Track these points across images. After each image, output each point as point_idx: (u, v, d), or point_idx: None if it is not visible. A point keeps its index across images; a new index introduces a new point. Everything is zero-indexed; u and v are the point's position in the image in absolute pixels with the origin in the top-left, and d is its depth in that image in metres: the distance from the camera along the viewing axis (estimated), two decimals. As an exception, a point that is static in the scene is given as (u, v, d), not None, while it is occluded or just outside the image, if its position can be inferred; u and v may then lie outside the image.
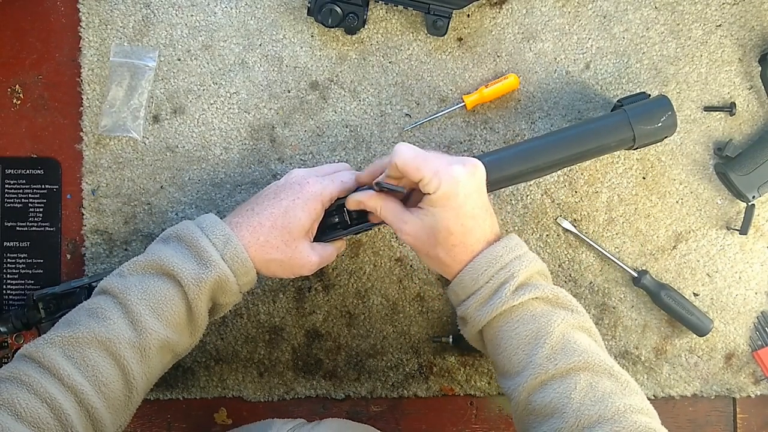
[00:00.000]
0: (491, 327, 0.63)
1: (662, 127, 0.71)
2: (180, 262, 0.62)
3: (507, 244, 0.63)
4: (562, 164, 0.71)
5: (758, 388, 0.82)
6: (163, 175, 0.80)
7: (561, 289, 0.63)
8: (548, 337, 0.60)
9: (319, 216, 0.67)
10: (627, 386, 0.59)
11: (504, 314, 0.62)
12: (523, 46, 0.81)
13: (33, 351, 0.57)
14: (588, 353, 0.59)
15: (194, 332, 0.64)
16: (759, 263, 0.82)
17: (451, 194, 0.61)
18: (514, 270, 0.62)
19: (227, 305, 0.66)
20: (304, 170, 0.70)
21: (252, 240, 0.64)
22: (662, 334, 0.81)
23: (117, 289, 0.61)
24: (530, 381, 0.59)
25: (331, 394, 0.81)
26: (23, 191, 0.80)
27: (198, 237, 0.63)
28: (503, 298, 0.61)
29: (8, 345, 0.77)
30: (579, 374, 0.58)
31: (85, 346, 0.58)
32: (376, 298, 0.81)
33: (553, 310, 0.62)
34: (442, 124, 0.81)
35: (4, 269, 0.80)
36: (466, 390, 0.81)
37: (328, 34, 0.80)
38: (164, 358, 0.63)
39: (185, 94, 0.80)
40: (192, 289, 0.61)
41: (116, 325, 0.59)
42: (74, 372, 0.57)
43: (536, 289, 0.62)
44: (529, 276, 0.63)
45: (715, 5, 0.81)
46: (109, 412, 0.58)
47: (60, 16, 0.80)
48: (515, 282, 0.61)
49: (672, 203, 0.81)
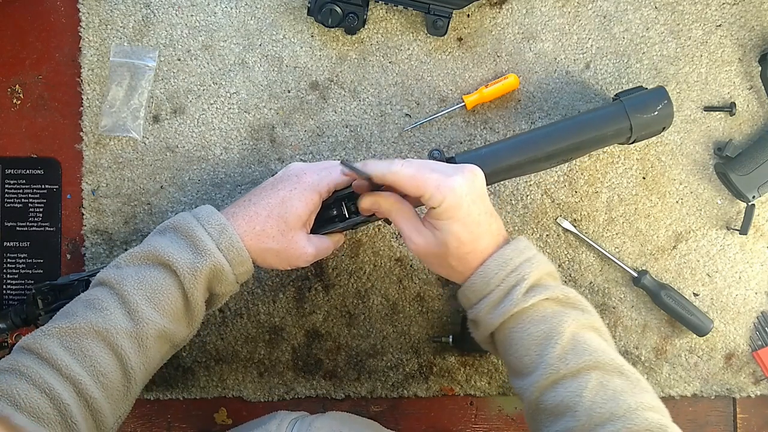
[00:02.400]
0: (503, 329, 0.63)
1: (658, 116, 0.71)
2: (175, 252, 0.62)
3: (517, 247, 0.63)
4: (560, 155, 0.71)
5: (758, 388, 0.82)
6: (163, 175, 0.80)
7: (571, 290, 0.64)
8: (559, 337, 0.60)
9: (317, 207, 0.67)
10: (637, 384, 0.59)
11: (516, 316, 0.62)
12: (523, 46, 0.81)
13: (31, 342, 0.58)
14: (598, 352, 0.60)
15: (191, 322, 0.64)
16: (759, 263, 0.82)
17: (456, 206, 0.61)
18: (524, 272, 0.62)
19: (224, 295, 0.66)
20: (303, 163, 0.70)
21: (248, 229, 0.65)
22: (662, 334, 0.81)
23: (113, 279, 0.61)
24: (542, 381, 0.60)
25: (331, 394, 0.81)
26: (23, 191, 0.80)
27: (193, 227, 0.63)
28: (515, 301, 0.61)
29: (8, 345, 0.77)
30: (590, 373, 0.59)
31: (82, 336, 0.58)
32: (376, 298, 0.81)
33: (563, 311, 0.62)
34: (442, 124, 0.81)
35: (4, 269, 0.80)
36: (466, 390, 0.81)
37: (328, 34, 0.80)
38: (162, 348, 0.63)
39: (185, 94, 0.80)
40: (188, 279, 0.61)
41: (113, 316, 0.59)
42: (72, 362, 0.57)
43: (547, 290, 0.62)
44: (540, 277, 0.63)
45: (715, 5, 0.81)
46: (108, 402, 0.58)
47: (60, 16, 0.80)
48: (526, 284, 0.62)
49: (672, 203, 0.81)
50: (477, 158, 0.69)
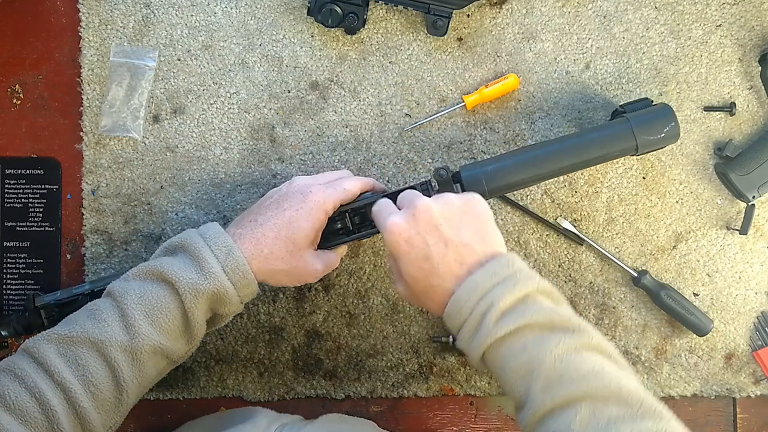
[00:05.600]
0: (487, 360, 0.59)
1: (665, 137, 0.72)
2: (179, 271, 0.62)
3: (489, 269, 0.59)
4: (565, 172, 0.72)
5: (758, 388, 0.82)
6: (163, 175, 0.80)
7: (558, 309, 0.58)
8: (540, 367, 0.55)
9: (323, 225, 0.67)
10: (639, 408, 0.53)
11: (494, 347, 0.58)
12: (523, 46, 0.81)
13: (30, 346, 0.59)
14: (589, 378, 0.54)
15: (191, 340, 0.64)
16: (759, 263, 0.82)
17: (393, 245, 0.61)
18: (493, 298, 0.57)
19: (228, 315, 0.66)
20: (307, 178, 0.70)
21: (255, 252, 0.65)
22: (662, 334, 0.81)
23: (117, 292, 0.62)
24: (530, 417, 0.55)
25: (331, 394, 0.81)
26: (23, 191, 0.80)
27: (200, 247, 0.63)
28: (486, 330, 0.57)
29: (8, 345, 0.77)
30: (579, 404, 0.53)
31: (78, 345, 0.59)
32: (376, 298, 0.81)
33: (546, 337, 0.56)
34: (442, 124, 0.81)
35: (4, 269, 0.80)
36: (466, 390, 0.81)
37: (328, 34, 0.80)
38: (158, 363, 0.63)
39: (185, 94, 0.80)
40: (188, 298, 0.62)
41: (110, 328, 0.60)
42: (65, 369, 0.58)
43: (524, 316, 0.57)
44: (520, 298, 0.58)
45: (715, 5, 0.81)
46: (98, 412, 0.59)
47: (60, 16, 0.80)
48: (495, 310, 0.57)
49: (672, 203, 0.81)
50: (482, 174, 0.69)
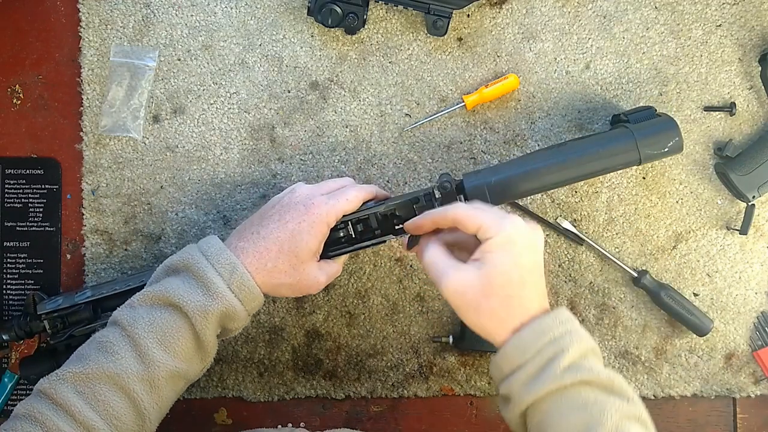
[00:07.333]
0: (537, 409, 0.57)
1: (668, 151, 0.72)
2: (186, 294, 0.62)
3: (558, 317, 0.59)
4: (568, 183, 0.72)
5: (758, 388, 0.82)
6: (163, 175, 0.80)
7: (616, 374, 0.58)
8: (600, 429, 0.54)
9: (325, 237, 0.67)
10: None
11: (552, 395, 0.56)
12: (523, 46, 0.81)
13: (47, 387, 0.59)
14: None
15: (204, 358, 0.64)
16: (759, 263, 0.82)
17: (511, 239, 0.59)
18: (564, 345, 0.57)
19: (236, 329, 0.66)
20: (309, 188, 0.68)
21: (259, 266, 0.64)
22: (662, 334, 0.81)
23: (126, 321, 0.62)
24: None
25: (331, 394, 0.81)
26: (23, 191, 0.80)
27: (204, 267, 0.63)
28: (552, 375, 0.56)
29: (8, 345, 0.77)
30: None
31: (95, 381, 0.59)
32: (376, 298, 0.81)
33: (607, 399, 0.56)
34: (442, 124, 0.81)
35: (4, 269, 0.80)
36: (466, 390, 0.81)
37: (328, 34, 0.80)
38: (176, 386, 0.63)
39: (185, 94, 0.80)
40: (198, 320, 0.62)
41: (124, 360, 0.60)
42: (85, 408, 0.58)
43: (590, 372, 0.56)
44: (582, 354, 0.58)
45: (715, 5, 0.81)
46: None
47: (60, 16, 0.80)
48: (567, 358, 0.56)
49: (672, 203, 0.81)
50: (486, 185, 0.69)
